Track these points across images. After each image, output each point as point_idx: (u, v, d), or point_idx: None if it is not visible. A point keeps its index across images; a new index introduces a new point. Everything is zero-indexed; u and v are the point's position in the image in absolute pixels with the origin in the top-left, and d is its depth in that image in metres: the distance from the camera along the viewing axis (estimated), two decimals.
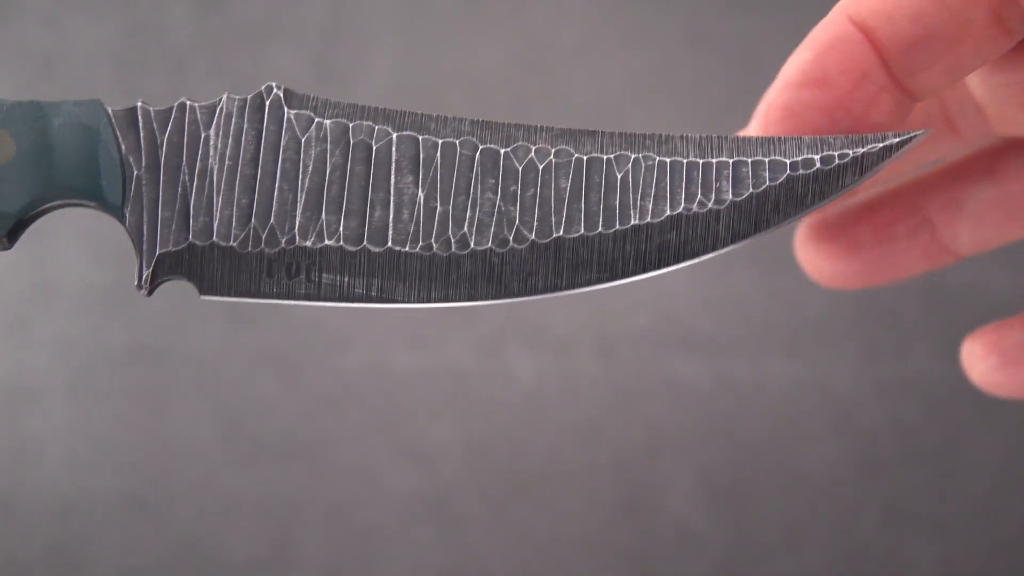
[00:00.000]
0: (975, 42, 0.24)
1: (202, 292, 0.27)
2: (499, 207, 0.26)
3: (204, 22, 0.61)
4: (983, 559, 0.56)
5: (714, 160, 0.26)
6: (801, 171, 0.25)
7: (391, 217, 0.26)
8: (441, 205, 0.26)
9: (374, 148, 0.27)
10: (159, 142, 0.26)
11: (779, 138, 0.26)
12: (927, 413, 0.57)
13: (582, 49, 0.61)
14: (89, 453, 0.57)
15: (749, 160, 0.26)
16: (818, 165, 0.25)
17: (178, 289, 0.40)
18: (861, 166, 0.25)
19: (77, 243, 0.58)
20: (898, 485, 0.56)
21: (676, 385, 0.57)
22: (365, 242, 0.26)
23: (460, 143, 0.27)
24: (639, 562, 0.56)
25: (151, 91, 0.60)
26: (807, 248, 0.33)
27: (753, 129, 0.26)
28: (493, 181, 0.26)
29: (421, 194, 0.26)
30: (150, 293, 0.27)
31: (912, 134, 0.25)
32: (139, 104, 0.27)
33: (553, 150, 0.26)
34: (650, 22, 0.61)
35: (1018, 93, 0.27)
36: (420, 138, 0.27)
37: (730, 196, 0.26)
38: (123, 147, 0.26)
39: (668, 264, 0.26)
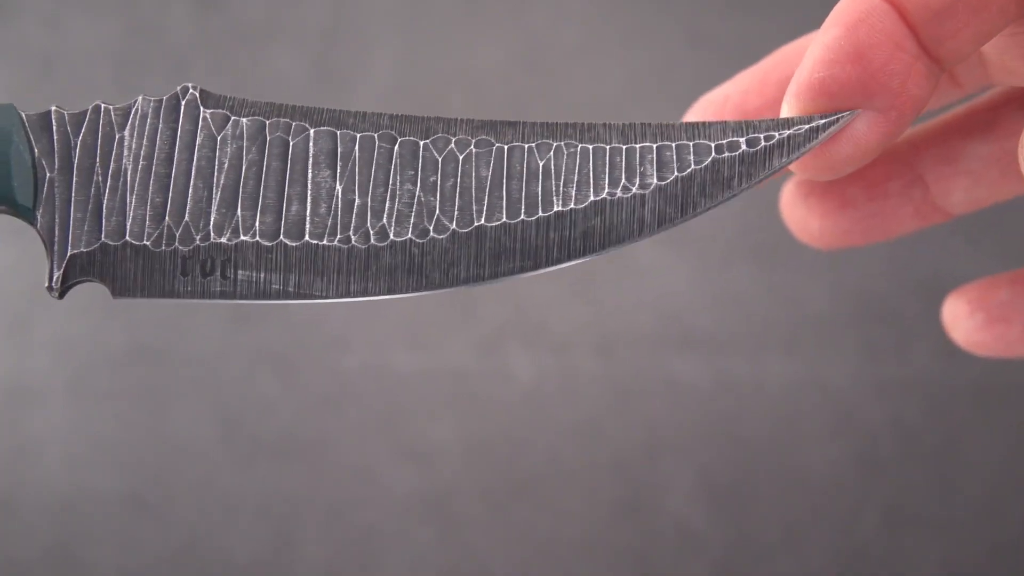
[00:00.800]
0: (1001, 4, 0.23)
1: (115, 294, 0.26)
2: (418, 197, 0.26)
3: (204, 22, 0.61)
4: (983, 559, 0.56)
5: (637, 145, 0.26)
6: (727, 153, 0.25)
7: (308, 211, 0.26)
8: (359, 197, 0.26)
9: (291, 143, 0.26)
10: (72, 144, 0.26)
11: (703, 123, 0.26)
12: (927, 413, 0.57)
13: (582, 49, 0.61)
14: (89, 453, 0.57)
15: (673, 144, 0.25)
16: (743, 147, 0.25)
17: None
18: (787, 147, 0.25)
19: None
20: (898, 485, 0.56)
21: (676, 384, 0.57)
22: (281, 236, 0.26)
23: (378, 136, 0.27)
24: (639, 562, 0.56)
25: (151, 91, 0.60)
26: (794, 205, 0.32)
27: (786, 111, 0.26)
28: (412, 172, 0.26)
29: (339, 187, 0.26)
30: (61, 296, 0.27)
31: (838, 116, 0.24)
32: (53, 108, 0.27)
33: (473, 140, 0.26)
34: (650, 22, 0.61)
35: (1022, 43, 0.26)
36: (338, 132, 0.27)
37: (654, 180, 0.25)
38: (36, 150, 0.26)
39: (593, 251, 0.26)
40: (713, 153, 0.25)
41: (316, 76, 0.60)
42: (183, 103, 0.27)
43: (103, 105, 0.27)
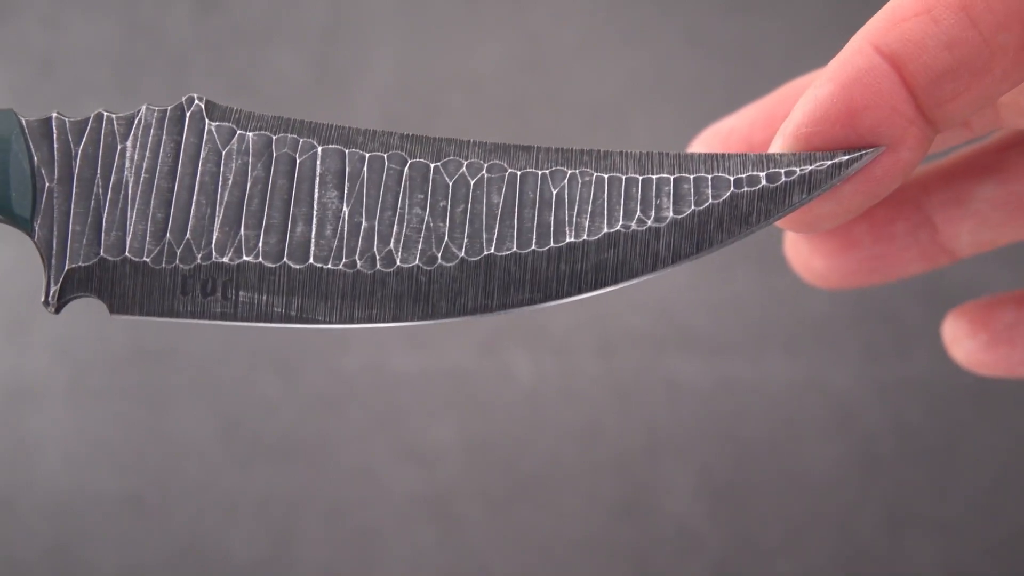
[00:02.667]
0: (1005, 68, 0.23)
1: (112, 311, 0.26)
2: (427, 223, 0.25)
3: (204, 22, 0.61)
4: (983, 559, 0.56)
5: (654, 176, 0.25)
6: (746, 188, 0.24)
7: (313, 232, 0.25)
8: (366, 220, 0.25)
9: (298, 161, 0.25)
10: (73, 153, 0.25)
11: (723, 155, 0.25)
12: (927, 413, 0.57)
13: (582, 49, 0.61)
14: (89, 453, 0.57)
15: (691, 177, 0.24)
16: (763, 182, 0.24)
17: None
18: (809, 184, 0.24)
19: None
20: (898, 485, 0.56)
21: (676, 385, 0.57)
22: (285, 258, 0.25)
23: (388, 157, 0.25)
24: (639, 562, 0.56)
25: (151, 91, 0.60)
26: (798, 245, 0.32)
27: (775, 148, 0.25)
28: (422, 196, 0.25)
29: (346, 209, 0.25)
30: (57, 311, 0.26)
31: (862, 152, 0.23)
32: (54, 115, 0.26)
33: (486, 165, 0.25)
34: (650, 22, 0.61)
35: None
36: (346, 151, 0.25)
37: (671, 213, 0.24)
38: (35, 159, 0.25)
39: (606, 284, 0.25)
40: (732, 187, 0.24)
41: (316, 76, 0.60)
42: (188, 114, 0.26)
43: (105, 113, 0.26)
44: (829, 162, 0.24)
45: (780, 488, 0.56)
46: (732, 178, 0.24)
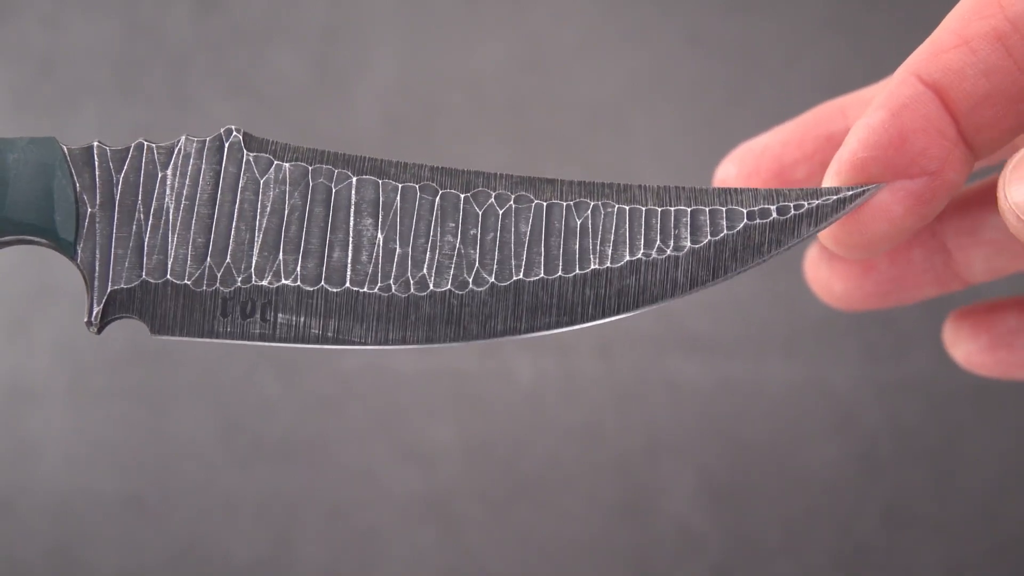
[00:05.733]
0: None
1: (153, 331, 0.26)
2: (459, 250, 0.26)
3: (204, 22, 0.61)
4: (983, 559, 0.56)
5: (672, 208, 0.26)
6: (758, 220, 0.26)
7: (350, 258, 0.26)
8: (400, 247, 0.26)
9: (334, 190, 0.26)
10: (115, 180, 0.26)
11: (736, 189, 0.26)
12: (927, 413, 0.57)
13: (582, 49, 0.61)
14: (89, 453, 0.57)
15: (707, 209, 0.26)
16: (774, 215, 0.26)
17: None
18: (816, 217, 0.26)
19: None
20: (898, 485, 0.56)
21: (676, 386, 0.57)
22: (323, 282, 0.26)
23: (420, 187, 0.27)
24: (639, 563, 0.56)
25: (151, 91, 0.60)
26: (818, 266, 0.33)
27: (829, 183, 0.26)
28: (453, 224, 0.26)
29: (380, 236, 0.26)
30: (100, 331, 0.26)
31: (865, 188, 0.25)
32: (95, 143, 0.26)
33: (513, 196, 0.26)
34: (650, 22, 0.61)
35: None
36: (380, 182, 0.27)
37: (688, 243, 0.26)
38: (78, 185, 0.26)
39: (628, 309, 0.26)
40: (745, 219, 0.26)
41: (316, 76, 0.60)
42: (227, 145, 0.27)
43: (146, 143, 0.27)
44: (835, 196, 0.26)
45: (780, 488, 0.56)
46: (745, 211, 0.26)
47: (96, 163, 0.26)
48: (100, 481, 0.57)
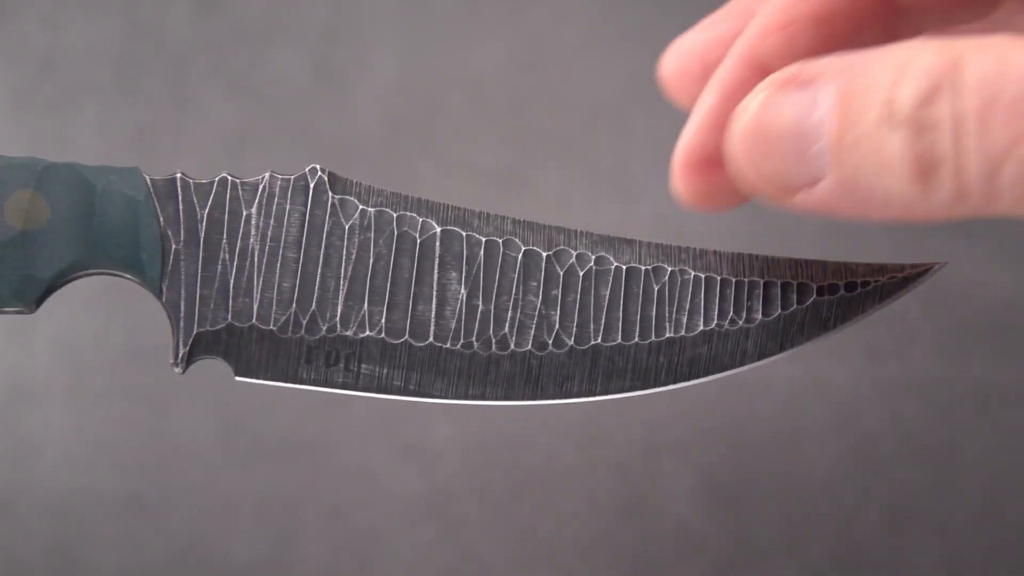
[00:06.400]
0: None
1: (238, 374, 0.27)
2: (540, 310, 0.26)
3: (204, 22, 0.61)
4: (983, 559, 0.56)
5: (746, 279, 0.27)
6: (827, 296, 0.27)
7: (433, 312, 0.26)
8: (483, 304, 0.26)
9: (418, 241, 0.26)
10: (199, 216, 0.26)
11: (806, 261, 0.27)
12: (927, 413, 0.57)
13: (582, 49, 0.61)
14: (89, 453, 0.57)
15: (779, 282, 0.27)
16: (842, 291, 0.27)
17: None
18: (881, 294, 0.27)
19: None
20: (898, 485, 0.56)
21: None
22: (407, 336, 0.26)
23: (504, 243, 0.27)
24: (639, 562, 0.56)
25: (151, 91, 0.60)
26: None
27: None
28: (535, 284, 0.26)
29: (464, 291, 0.26)
30: (184, 371, 0.27)
31: (930, 264, 0.26)
32: (179, 175, 0.26)
33: (593, 257, 0.27)
34: (650, 22, 0.61)
35: None
36: (464, 234, 0.27)
37: (760, 315, 0.26)
38: (162, 220, 0.26)
39: (698, 376, 0.27)
40: (815, 295, 0.27)
41: (316, 76, 0.60)
42: (312, 185, 0.26)
43: (230, 178, 0.26)
44: (900, 275, 0.27)
45: (780, 488, 0.56)
46: (815, 286, 0.27)
47: (180, 196, 0.26)
48: (100, 481, 0.57)
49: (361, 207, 0.26)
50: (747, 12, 0.31)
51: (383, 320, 0.26)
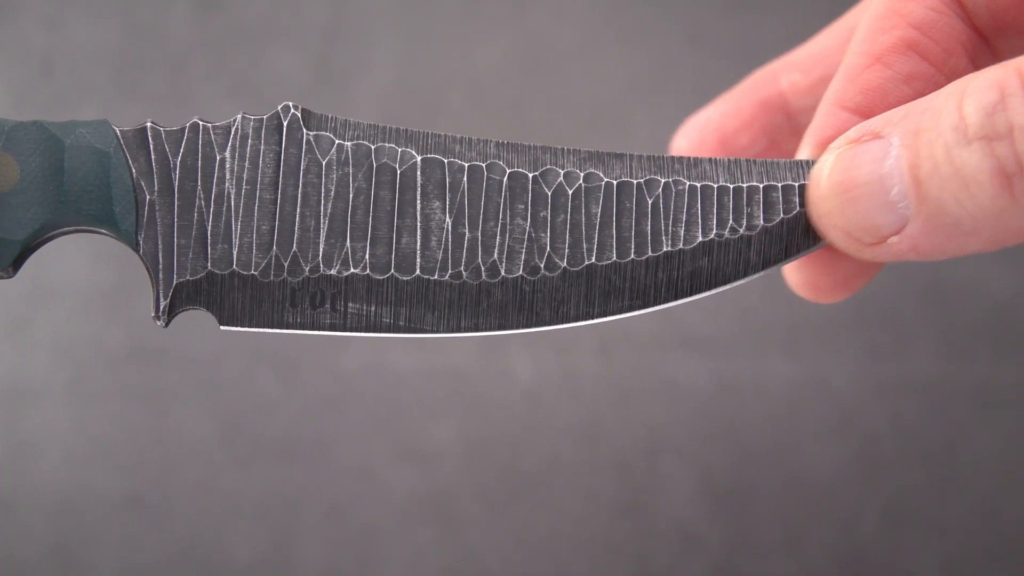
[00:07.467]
0: None
1: (222, 323, 0.26)
2: (529, 233, 0.25)
3: (204, 22, 0.61)
4: (983, 559, 0.56)
5: (744, 184, 0.25)
6: None
7: (419, 244, 0.25)
8: (470, 231, 0.25)
9: (398, 172, 0.26)
10: (172, 164, 0.25)
11: (807, 161, 0.26)
12: (927, 413, 0.57)
13: (582, 49, 0.61)
14: (89, 453, 0.57)
15: (779, 185, 0.25)
16: None
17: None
18: None
19: (77, 244, 0.58)
20: (898, 485, 0.56)
21: (676, 385, 0.57)
22: (392, 270, 0.25)
23: (487, 167, 0.26)
24: (639, 562, 0.56)
25: (151, 91, 0.60)
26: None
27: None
28: (523, 207, 0.25)
29: (449, 220, 0.25)
30: (167, 324, 0.26)
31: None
32: (148, 124, 0.25)
33: (582, 174, 0.26)
34: (650, 22, 0.61)
35: None
36: (446, 161, 0.26)
37: (761, 221, 0.25)
38: (134, 170, 0.25)
39: (700, 291, 0.26)
40: None
41: (316, 76, 0.60)
42: (285, 124, 0.26)
43: (201, 123, 0.26)
44: None
45: (780, 488, 0.56)
46: None
47: (151, 145, 0.25)
48: (100, 481, 0.57)
49: (338, 142, 0.26)
50: (767, 80, 0.32)
51: (367, 256, 0.25)
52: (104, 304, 0.58)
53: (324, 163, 0.26)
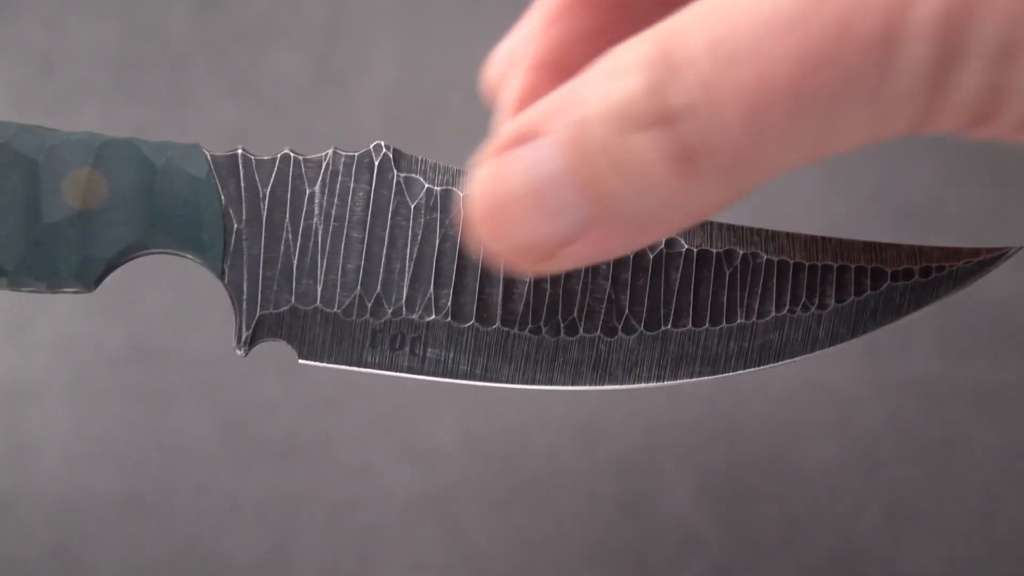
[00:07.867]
0: None
1: (301, 356, 0.26)
2: (609, 295, 0.25)
3: (204, 22, 0.61)
4: (983, 559, 0.56)
5: (819, 264, 0.26)
6: (901, 281, 0.26)
7: (501, 296, 0.25)
8: (552, 288, 0.25)
9: None
10: (261, 194, 0.25)
11: (880, 244, 0.26)
12: (927, 413, 0.57)
13: None
14: (89, 453, 0.57)
15: (852, 267, 0.26)
16: (916, 276, 0.26)
17: (177, 287, 0.39)
18: (956, 279, 0.26)
19: None
20: (898, 485, 0.56)
21: (676, 386, 0.57)
22: (474, 320, 0.25)
23: None
24: (639, 562, 0.56)
25: (151, 91, 0.60)
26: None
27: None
28: (605, 267, 0.26)
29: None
30: (247, 354, 0.26)
31: (1006, 248, 0.26)
32: (240, 151, 0.25)
33: (663, 239, 0.25)
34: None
35: None
36: None
37: (832, 301, 0.26)
38: (223, 198, 0.25)
39: (767, 362, 0.26)
40: (888, 280, 0.26)
41: (316, 76, 0.60)
42: (376, 163, 0.26)
43: (292, 155, 0.25)
44: (975, 260, 0.26)
45: (780, 488, 0.56)
46: (889, 271, 0.26)
47: (241, 173, 0.25)
48: (100, 481, 0.57)
49: (427, 186, 0.26)
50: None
51: (449, 303, 0.25)
52: (104, 304, 0.58)
53: (413, 206, 0.26)
